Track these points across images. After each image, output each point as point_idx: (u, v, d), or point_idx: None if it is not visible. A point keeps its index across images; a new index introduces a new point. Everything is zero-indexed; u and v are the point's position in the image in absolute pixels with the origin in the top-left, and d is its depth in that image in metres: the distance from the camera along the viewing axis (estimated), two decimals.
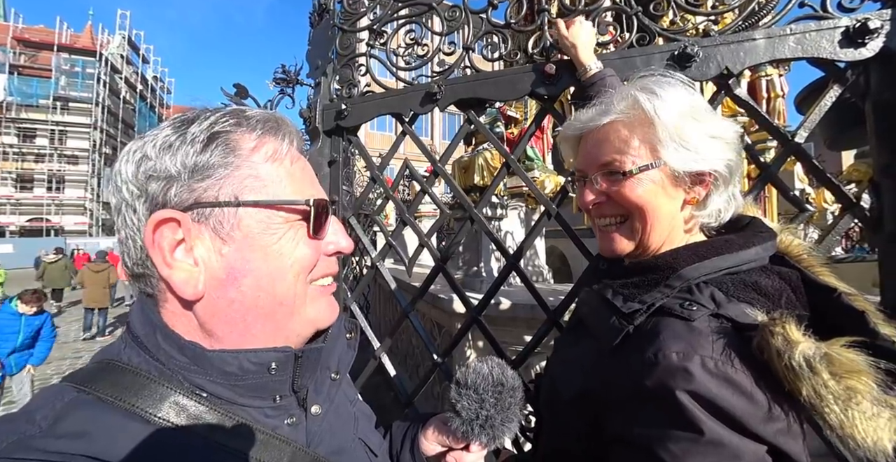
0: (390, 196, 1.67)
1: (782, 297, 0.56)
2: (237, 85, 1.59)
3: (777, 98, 4.45)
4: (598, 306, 0.67)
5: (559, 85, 1.32)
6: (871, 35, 1.01)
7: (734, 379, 0.48)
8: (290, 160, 0.51)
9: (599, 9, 1.34)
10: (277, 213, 0.48)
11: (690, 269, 0.59)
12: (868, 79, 1.06)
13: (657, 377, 0.51)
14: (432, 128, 27.96)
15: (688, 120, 0.62)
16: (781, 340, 0.47)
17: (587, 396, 0.62)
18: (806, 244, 0.67)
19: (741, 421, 0.47)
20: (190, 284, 0.45)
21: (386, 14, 1.61)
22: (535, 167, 4.10)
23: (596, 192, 0.68)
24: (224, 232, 0.46)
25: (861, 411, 0.44)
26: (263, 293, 0.47)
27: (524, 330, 2.45)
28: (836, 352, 0.45)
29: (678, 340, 0.52)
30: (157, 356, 0.46)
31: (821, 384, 0.44)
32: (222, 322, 0.47)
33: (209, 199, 0.45)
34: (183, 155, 0.45)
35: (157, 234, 0.44)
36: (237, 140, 0.47)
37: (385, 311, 5.50)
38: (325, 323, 0.55)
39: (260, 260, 0.47)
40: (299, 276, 0.49)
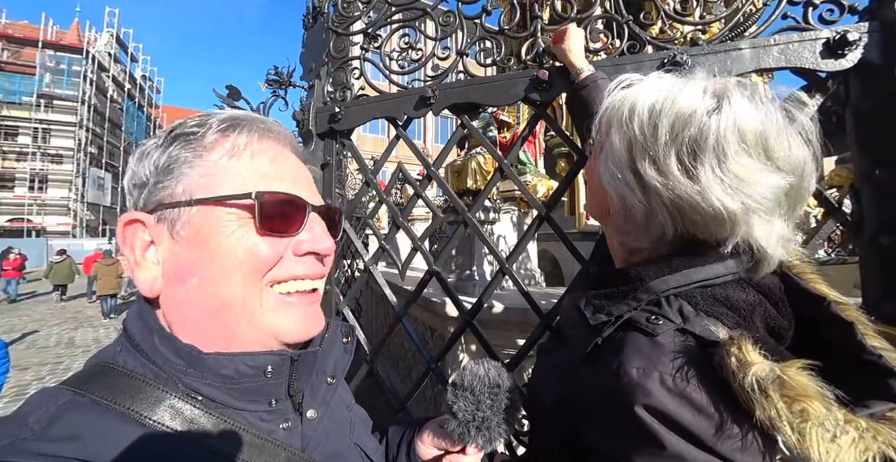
0: (384, 200, 1.67)
1: (755, 311, 0.55)
2: (229, 86, 1.58)
3: None
4: (573, 315, 0.67)
5: (552, 90, 1.34)
6: (850, 46, 1.05)
7: (690, 396, 0.48)
8: (251, 154, 0.49)
9: (591, 17, 1.36)
10: (227, 209, 0.46)
11: (659, 281, 0.58)
12: (848, 88, 1.10)
13: (619, 392, 0.51)
14: (425, 131, 28.02)
15: (630, 124, 0.63)
16: (735, 361, 0.46)
17: (565, 404, 0.62)
18: (798, 250, 0.65)
19: (698, 437, 0.48)
20: (149, 283, 0.47)
21: (380, 18, 1.62)
22: (527, 171, 4.14)
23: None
24: (176, 231, 0.46)
25: (818, 434, 0.43)
26: (207, 293, 0.46)
27: (517, 333, 2.46)
28: (789, 375, 0.45)
29: (640, 356, 0.52)
30: (154, 359, 0.46)
31: (772, 407, 0.44)
32: (177, 321, 0.47)
33: (168, 200, 0.47)
34: (152, 160, 0.48)
35: (126, 235, 0.47)
36: (195, 139, 0.48)
37: (377, 313, 5.47)
38: (291, 338, 0.50)
39: (207, 259, 0.46)
40: (249, 276, 0.47)
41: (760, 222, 0.54)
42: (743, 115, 0.53)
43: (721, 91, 0.55)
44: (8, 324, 9.56)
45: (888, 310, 0.99)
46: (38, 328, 9.17)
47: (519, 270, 3.70)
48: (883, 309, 1.00)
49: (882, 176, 1.02)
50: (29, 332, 8.74)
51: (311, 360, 0.52)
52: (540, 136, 4.65)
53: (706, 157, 0.53)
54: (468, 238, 3.28)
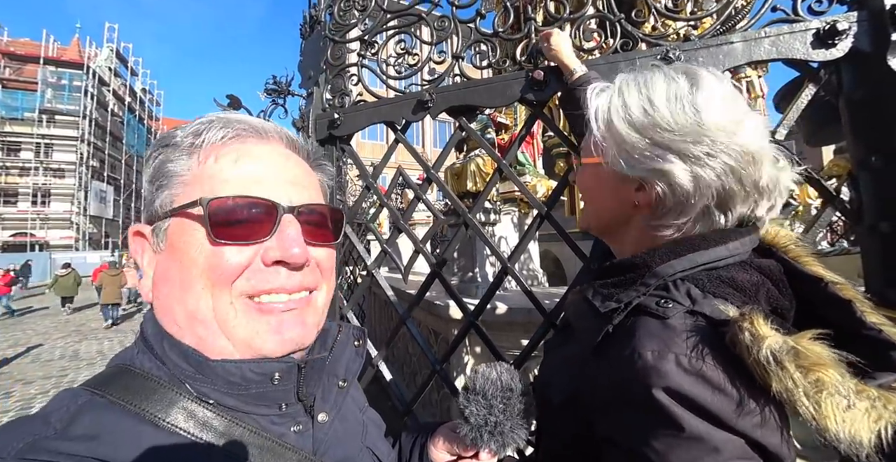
0: (385, 204, 1.68)
1: (760, 291, 0.56)
2: (230, 96, 1.61)
3: (758, 98, 4.60)
4: (581, 307, 0.67)
5: (547, 90, 1.35)
6: (840, 36, 1.06)
7: (707, 375, 0.49)
8: (215, 157, 0.47)
9: (584, 16, 1.38)
10: (187, 219, 0.46)
11: (665, 266, 0.59)
12: (840, 77, 1.11)
13: (634, 376, 0.52)
14: (423, 135, 28.12)
15: (633, 119, 0.62)
16: (748, 336, 0.47)
17: (576, 399, 0.62)
18: (792, 235, 0.66)
19: (717, 415, 0.48)
20: (146, 289, 0.51)
21: (376, 25, 1.64)
22: (526, 172, 4.15)
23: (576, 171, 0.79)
24: (156, 242, 0.49)
25: (834, 403, 0.44)
26: (175, 303, 0.47)
27: (521, 334, 2.45)
28: (802, 345, 0.46)
29: (653, 339, 0.52)
30: (166, 362, 0.47)
31: (788, 378, 0.45)
32: (167, 325, 0.49)
33: (158, 212, 0.49)
34: (147, 172, 0.51)
35: (131, 246, 0.51)
36: (173, 150, 0.49)
37: (381, 318, 5.46)
38: (267, 349, 0.47)
39: (175, 269, 0.47)
40: (212, 286, 0.45)
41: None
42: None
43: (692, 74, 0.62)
44: (12, 338, 9.58)
45: (891, 297, 0.99)
46: (43, 342, 9.18)
47: (521, 271, 3.70)
48: (886, 296, 1.00)
49: (878, 163, 1.03)
50: (33, 346, 8.75)
51: (318, 366, 0.53)
52: (538, 137, 4.66)
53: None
54: (470, 240, 3.29)
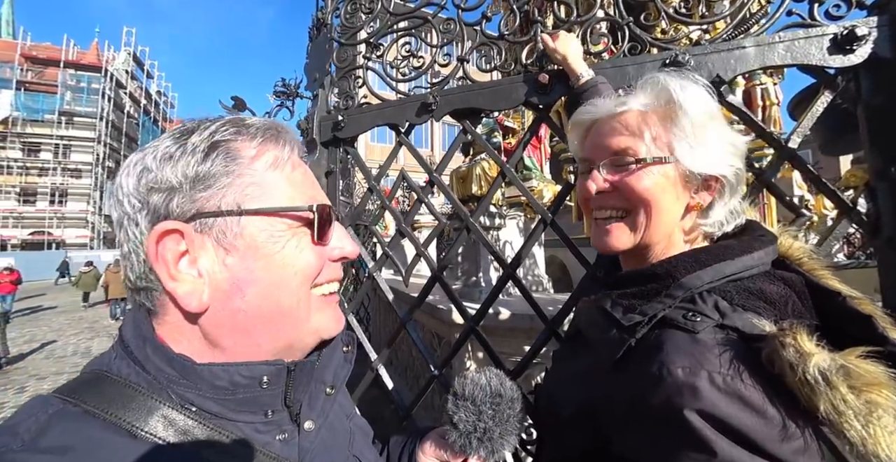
0: (387, 206, 1.67)
1: (788, 304, 0.53)
2: (235, 97, 1.61)
3: (772, 106, 4.51)
4: (597, 318, 0.64)
5: (552, 94, 1.33)
6: (858, 42, 1.02)
7: (745, 395, 0.46)
8: (292, 166, 0.51)
9: (592, 19, 1.36)
10: (281, 220, 0.47)
11: (692, 277, 0.56)
12: (858, 84, 1.07)
13: (663, 394, 0.48)
14: (432, 139, 28.23)
15: (707, 121, 0.61)
16: (793, 352, 0.44)
17: (588, 413, 0.59)
18: (807, 247, 0.64)
19: (755, 441, 0.45)
20: (195, 296, 0.44)
21: (383, 27, 1.64)
22: (532, 177, 4.13)
23: (602, 180, 0.65)
24: (227, 241, 0.45)
25: (883, 426, 0.41)
26: (268, 302, 0.47)
27: (523, 340, 2.42)
28: (853, 363, 0.43)
29: (683, 354, 0.49)
30: (147, 368, 0.45)
31: (839, 399, 0.42)
32: (228, 333, 0.46)
33: (211, 209, 0.45)
34: (184, 165, 0.45)
35: (161, 247, 0.44)
36: (238, 148, 0.47)
37: (386, 321, 5.46)
38: (330, 333, 0.54)
39: (263, 269, 0.46)
40: (304, 284, 0.49)
41: None
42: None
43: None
44: (29, 334, 9.78)
45: None
46: (56, 338, 9.35)
47: (526, 277, 3.66)
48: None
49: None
50: (48, 342, 8.92)
51: (308, 369, 0.52)
52: (546, 141, 4.64)
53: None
54: (474, 245, 3.27)
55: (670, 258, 0.61)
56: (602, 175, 0.65)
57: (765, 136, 1.22)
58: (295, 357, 0.51)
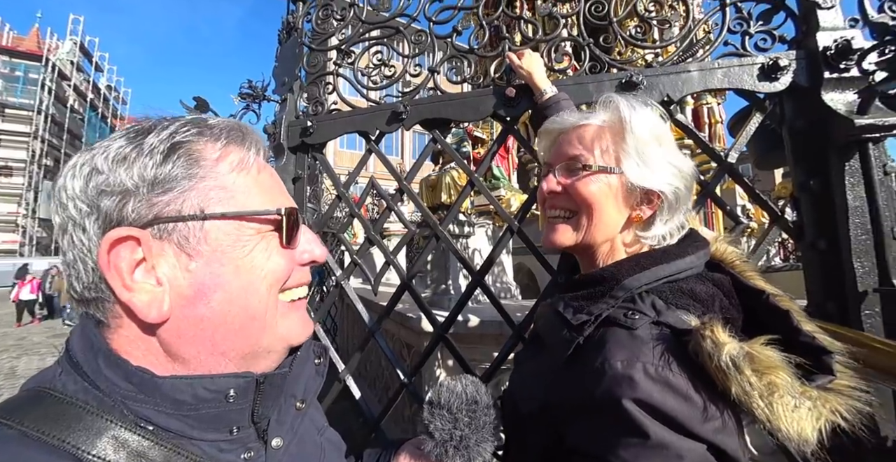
0: (356, 214, 1.66)
1: (715, 301, 0.60)
2: (197, 98, 1.56)
3: (717, 123, 4.93)
4: (551, 319, 0.69)
5: (519, 107, 1.39)
6: (781, 71, 1.16)
7: (672, 382, 0.51)
8: (258, 169, 0.49)
9: (556, 39, 1.44)
10: (248, 224, 0.46)
11: (632, 279, 0.62)
12: (783, 108, 1.21)
13: (605, 386, 0.53)
14: (402, 147, 28.21)
15: (652, 141, 0.67)
16: (710, 343, 0.50)
17: (546, 410, 0.63)
18: (739, 252, 0.72)
19: (681, 422, 0.50)
20: (154, 306, 0.42)
21: (355, 35, 1.66)
22: (501, 186, 4.23)
23: (556, 182, 0.72)
24: (190, 247, 0.43)
25: (784, 404, 0.47)
26: (235, 307, 0.45)
27: (493, 347, 2.45)
28: (756, 350, 0.49)
29: (622, 349, 0.55)
30: (97, 383, 0.41)
31: (745, 381, 0.48)
32: (191, 342, 0.44)
33: (172, 214, 0.43)
34: (141, 167, 0.42)
35: (113, 255, 0.41)
36: (200, 150, 0.45)
37: (353, 331, 5.33)
38: (299, 339, 0.52)
39: (231, 273, 0.44)
40: (272, 288, 0.48)
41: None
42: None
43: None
44: None
45: (830, 309, 1.07)
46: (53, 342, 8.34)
47: (495, 284, 3.72)
48: (825, 308, 1.08)
49: (816, 186, 1.12)
50: None
51: (278, 382, 0.49)
52: (513, 152, 4.78)
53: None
54: (443, 252, 3.29)
55: (615, 263, 0.68)
56: (556, 178, 0.72)
57: (707, 150, 1.34)
58: (262, 368, 0.48)
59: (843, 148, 1.07)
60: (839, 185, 1.07)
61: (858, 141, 1.05)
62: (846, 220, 1.06)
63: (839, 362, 0.53)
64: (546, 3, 1.49)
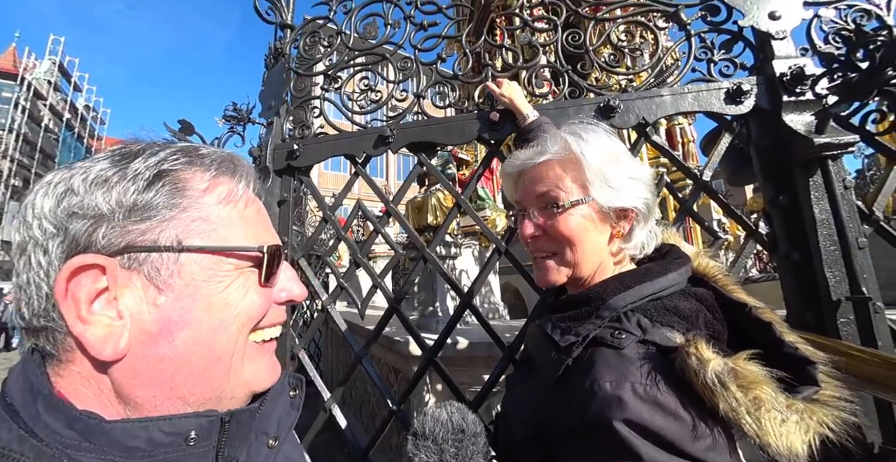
0: (342, 237, 1.65)
1: (699, 317, 0.61)
2: (182, 121, 1.55)
3: (689, 142, 5.19)
4: (540, 341, 0.69)
5: (503, 131, 1.44)
6: (745, 95, 1.25)
7: (661, 401, 0.51)
8: (245, 203, 0.48)
9: (536, 66, 1.52)
10: (226, 259, 0.44)
11: (617, 298, 0.63)
12: (749, 129, 1.28)
13: (595, 408, 0.53)
14: (387, 169, 28.43)
15: (610, 162, 0.70)
16: (695, 360, 0.50)
17: (538, 433, 0.62)
18: (720, 266, 0.73)
19: (671, 442, 0.50)
20: (110, 342, 0.38)
21: (342, 61, 1.70)
22: (486, 207, 4.28)
23: (534, 225, 0.73)
24: (161, 279, 0.40)
25: (771, 419, 0.47)
26: (201, 347, 0.42)
27: (483, 369, 2.40)
28: (740, 365, 0.49)
29: (610, 369, 0.55)
30: (36, 431, 0.37)
31: (732, 397, 0.48)
32: (146, 384, 0.40)
33: (146, 243, 0.40)
34: (120, 192, 0.40)
35: (73, 283, 0.38)
36: (188, 179, 0.44)
37: (339, 357, 5.15)
38: (262, 386, 0.49)
39: (202, 310, 0.42)
40: (244, 327, 0.45)
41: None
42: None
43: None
44: None
45: (808, 319, 1.10)
46: None
47: (483, 304, 3.70)
48: (804, 318, 1.11)
49: (785, 201, 1.18)
50: None
51: (246, 419, 0.45)
52: (497, 173, 4.88)
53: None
54: (430, 274, 3.27)
55: (600, 282, 0.68)
56: (533, 220, 0.73)
57: (683, 169, 1.41)
58: (226, 407, 0.45)
59: (806, 165, 1.14)
60: (806, 200, 1.14)
61: (819, 158, 1.12)
62: (815, 233, 1.11)
63: (823, 372, 0.54)
64: (525, 33, 1.57)
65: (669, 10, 1.40)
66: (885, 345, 1.03)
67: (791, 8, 1.25)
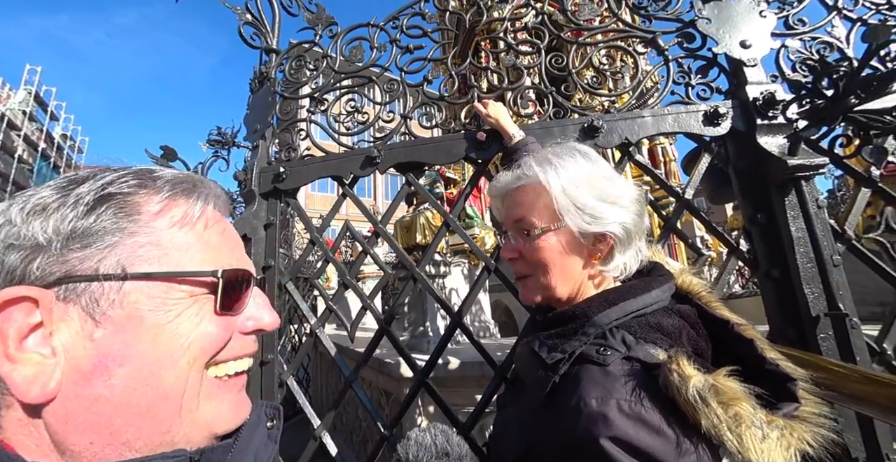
0: (331, 259, 1.62)
1: (682, 334, 0.62)
2: (164, 147, 1.53)
3: (671, 162, 5.34)
4: (528, 359, 0.69)
5: (490, 150, 1.46)
6: (722, 118, 1.30)
7: (645, 417, 0.51)
8: (205, 224, 0.44)
9: (521, 87, 1.56)
10: (178, 286, 0.41)
11: (602, 315, 0.64)
12: (727, 149, 1.33)
13: (582, 426, 0.53)
14: (375, 189, 28.46)
15: (583, 189, 0.70)
16: (677, 377, 0.51)
17: (529, 455, 0.61)
18: (703, 282, 0.75)
19: (656, 458, 0.50)
20: (38, 382, 0.35)
21: (328, 84, 1.72)
22: (474, 225, 4.30)
23: (511, 249, 0.75)
24: (99, 311, 0.37)
25: (752, 435, 0.48)
26: (143, 385, 0.38)
27: (475, 389, 2.35)
28: (720, 382, 0.50)
29: (597, 386, 0.55)
30: None
31: (713, 414, 0.48)
32: (81, 430, 0.36)
33: (85, 272, 0.37)
34: (58, 219, 0.38)
35: (2, 318, 0.35)
36: (137, 203, 0.41)
37: (328, 381, 4.99)
38: (227, 427, 0.44)
39: (148, 342, 0.38)
40: (197, 360, 0.41)
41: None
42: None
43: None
44: None
45: (790, 335, 1.12)
46: None
47: (473, 323, 3.66)
48: (785, 334, 1.13)
49: (763, 219, 1.21)
50: None
51: (219, 457, 0.42)
52: (485, 191, 4.93)
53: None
54: (420, 293, 3.23)
55: (585, 300, 0.69)
56: (512, 243, 0.75)
57: (666, 188, 1.44)
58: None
59: (781, 185, 1.18)
60: (783, 219, 1.17)
61: (793, 179, 1.16)
62: (793, 251, 1.14)
63: (804, 388, 0.55)
64: (510, 55, 1.62)
65: (647, 36, 1.46)
66: (863, 359, 1.05)
67: (760, 37, 1.33)
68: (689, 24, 1.40)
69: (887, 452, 0.98)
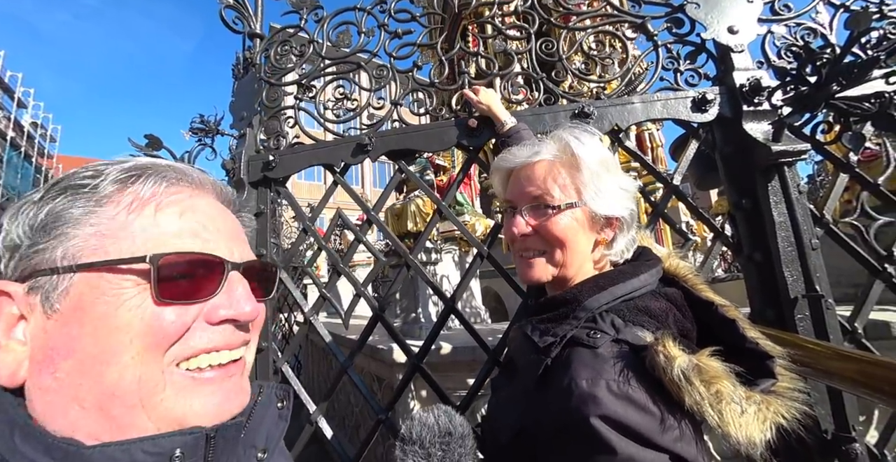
0: (324, 247, 1.62)
1: (669, 316, 0.64)
2: (149, 136, 1.48)
3: (658, 147, 5.39)
4: (521, 343, 0.71)
5: (482, 137, 1.46)
6: (709, 104, 1.32)
7: (633, 397, 0.54)
8: (156, 206, 0.42)
9: (511, 73, 1.55)
10: (118, 275, 0.39)
11: (592, 300, 0.66)
12: (714, 136, 1.36)
13: (573, 406, 0.55)
14: (363, 176, 28.10)
15: (604, 170, 0.72)
16: (663, 358, 0.54)
17: (523, 436, 0.63)
18: (690, 266, 0.77)
19: (642, 434, 0.53)
20: (9, 368, 0.38)
21: (315, 70, 1.68)
22: (465, 212, 4.31)
23: (525, 224, 0.73)
24: (49, 304, 0.38)
25: (731, 410, 0.51)
26: (88, 381, 0.37)
27: (466, 374, 2.40)
28: (703, 361, 0.53)
29: (587, 368, 0.57)
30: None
31: (696, 392, 0.51)
32: (47, 415, 0.38)
33: (44, 266, 0.39)
34: (29, 217, 0.40)
35: None
36: (88, 192, 0.41)
37: (319, 369, 5.03)
38: (208, 421, 0.42)
39: (89, 336, 0.37)
40: (144, 356, 0.38)
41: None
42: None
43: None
44: None
45: (769, 315, 1.17)
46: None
47: (464, 309, 3.71)
48: (766, 315, 1.18)
49: (748, 204, 1.25)
50: None
51: (233, 434, 0.43)
52: (475, 178, 4.92)
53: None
54: (412, 281, 3.25)
55: (577, 285, 0.71)
56: (525, 219, 0.73)
57: (655, 174, 1.47)
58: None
59: (765, 171, 1.22)
60: (766, 204, 1.21)
61: (776, 164, 1.20)
62: (775, 235, 1.18)
63: (781, 365, 0.58)
64: (499, 40, 1.60)
65: (637, 21, 1.46)
66: (836, 338, 1.11)
67: (747, 23, 1.34)
68: (678, 8, 1.40)
69: (853, 424, 1.04)
